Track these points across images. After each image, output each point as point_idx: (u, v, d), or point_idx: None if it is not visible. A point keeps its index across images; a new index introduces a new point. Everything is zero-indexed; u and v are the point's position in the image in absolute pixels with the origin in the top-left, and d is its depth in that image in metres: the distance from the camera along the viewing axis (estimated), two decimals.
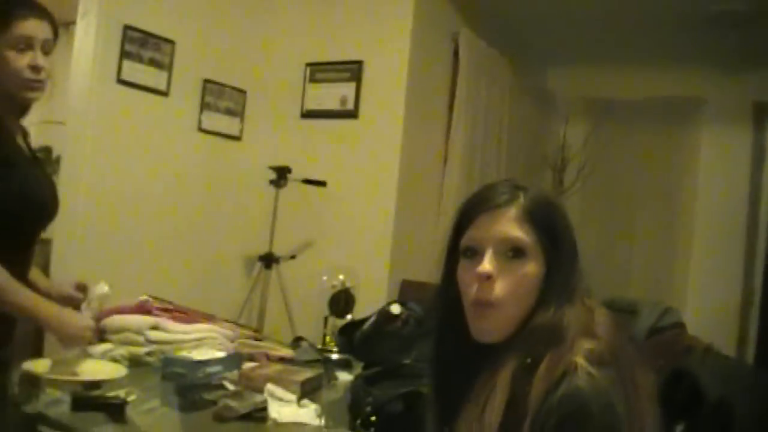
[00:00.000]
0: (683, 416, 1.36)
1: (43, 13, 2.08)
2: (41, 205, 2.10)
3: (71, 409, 1.82)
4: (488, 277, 1.23)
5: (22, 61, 2.00)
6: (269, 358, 2.65)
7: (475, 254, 1.27)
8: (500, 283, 1.24)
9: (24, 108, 2.16)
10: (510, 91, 5.37)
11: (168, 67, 4.06)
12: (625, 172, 5.91)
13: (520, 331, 1.25)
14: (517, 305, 1.24)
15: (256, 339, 2.95)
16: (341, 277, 3.14)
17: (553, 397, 1.16)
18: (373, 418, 1.71)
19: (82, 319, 2.06)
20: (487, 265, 1.24)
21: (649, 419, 1.23)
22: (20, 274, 2.01)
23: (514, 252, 1.25)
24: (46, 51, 2.07)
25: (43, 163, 2.20)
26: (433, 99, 4.70)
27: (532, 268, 1.25)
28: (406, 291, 3.98)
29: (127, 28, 3.81)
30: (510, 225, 1.26)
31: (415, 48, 4.38)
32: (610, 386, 1.18)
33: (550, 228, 1.27)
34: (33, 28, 2.02)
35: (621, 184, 5.92)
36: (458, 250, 1.31)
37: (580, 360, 1.19)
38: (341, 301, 3.07)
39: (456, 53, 4.78)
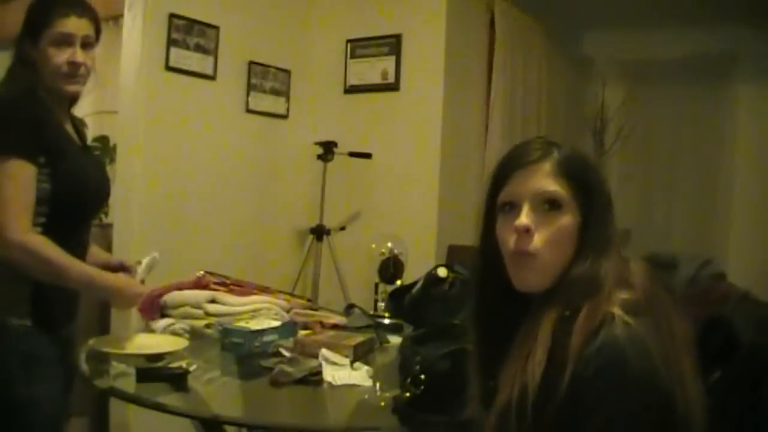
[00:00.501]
0: (719, 363, 1.36)
1: (84, 11, 2.12)
2: (91, 189, 2.16)
3: (137, 380, 1.87)
4: (527, 230, 1.26)
5: (61, 57, 2.06)
6: (323, 326, 2.69)
7: (513, 209, 1.30)
8: (538, 235, 1.26)
9: (72, 100, 2.23)
10: (547, 57, 5.30)
11: (214, 52, 4.09)
12: (664, 131, 5.79)
13: (559, 283, 1.27)
14: (555, 255, 1.27)
15: (309, 308, 2.99)
16: (389, 244, 3.17)
17: (591, 347, 1.17)
18: (422, 377, 1.73)
19: (133, 284, 2.13)
20: (524, 218, 1.26)
21: (687, 366, 1.23)
22: (76, 255, 2.07)
23: (550, 205, 1.27)
24: (87, 46, 2.12)
25: (93, 150, 2.25)
26: (472, 68, 4.66)
27: (568, 219, 1.27)
28: (453, 255, 3.98)
29: (172, 16, 3.83)
30: (545, 179, 1.28)
31: (452, 19, 4.34)
32: (647, 335, 1.18)
33: (584, 181, 1.29)
34: (73, 25, 2.07)
35: (660, 143, 5.81)
36: (496, 208, 1.34)
37: (617, 310, 1.20)
38: (390, 268, 3.10)
39: (492, 23, 4.72)
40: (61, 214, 2.04)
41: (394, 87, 4.47)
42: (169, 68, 3.84)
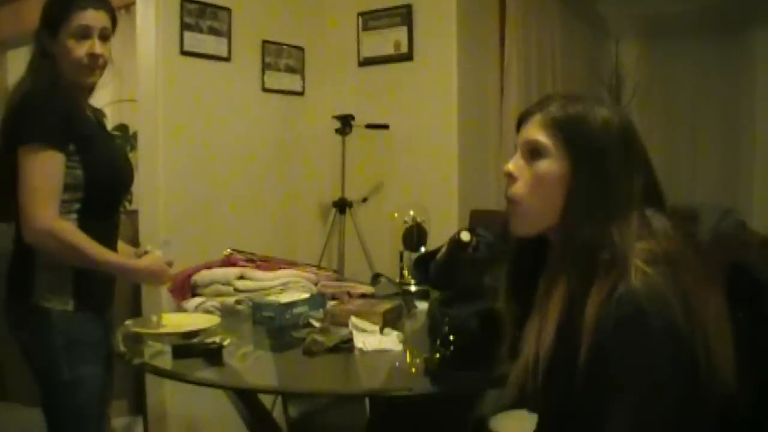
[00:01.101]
0: (744, 307, 1.36)
1: (101, 3, 2.16)
2: (121, 173, 2.21)
3: (173, 357, 1.90)
4: (509, 176, 1.32)
5: (81, 49, 2.10)
6: (351, 296, 2.71)
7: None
8: (519, 182, 1.31)
9: (89, 90, 2.26)
10: (560, 18, 5.23)
11: (227, 34, 4.08)
12: (683, 84, 5.70)
13: (566, 241, 1.28)
14: (537, 202, 1.31)
15: (336, 280, 3.01)
16: (412, 212, 3.17)
17: (611, 300, 1.18)
18: (451, 337, 1.74)
19: (159, 261, 2.19)
20: (508, 165, 1.33)
21: (711, 311, 1.23)
22: (108, 241, 2.12)
23: (531, 153, 1.31)
24: (104, 38, 2.15)
25: (114, 137, 2.30)
26: (485, 33, 4.62)
27: (548, 166, 1.29)
28: (476, 220, 3.97)
29: (184, 1, 3.82)
30: (533, 128, 1.32)
31: None
32: (666, 284, 1.19)
33: (573, 133, 1.29)
34: (91, 18, 2.11)
35: (679, 96, 5.72)
36: None
37: (636, 261, 1.20)
38: (414, 236, 3.10)
39: None
40: (96, 198, 2.10)
41: (407, 57, 4.44)
42: (184, 53, 3.85)
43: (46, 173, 1.97)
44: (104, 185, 2.13)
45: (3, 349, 2.75)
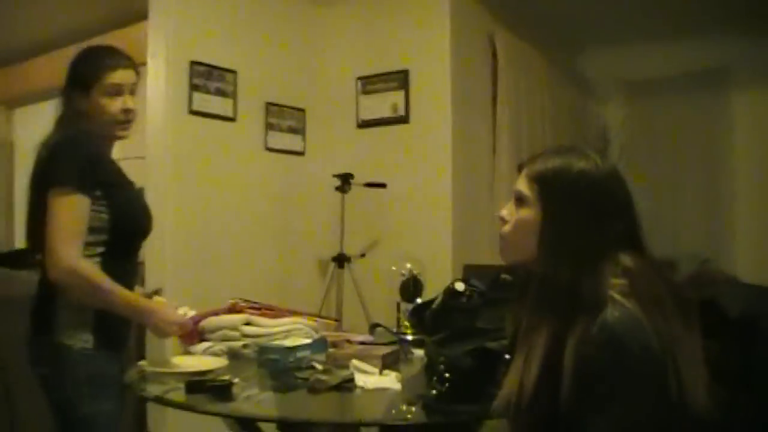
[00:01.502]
0: (713, 338, 1.50)
1: (129, 61, 2.33)
2: (143, 218, 2.35)
3: (186, 392, 2.02)
4: (501, 219, 1.55)
5: (115, 106, 2.25)
6: (350, 343, 2.83)
7: None
8: (508, 224, 1.54)
9: (114, 141, 2.42)
10: (548, 81, 5.49)
11: (233, 95, 4.29)
12: (666, 143, 5.99)
13: (540, 276, 1.46)
14: (517, 240, 1.53)
15: (336, 330, 3.13)
16: (409, 265, 3.29)
17: (591, 329, 1.33)
18: (447, 375, 1.87)
19: (172, 314, 2.28)
20: (502, 211, 1.56)
21: (685, 341, 1.38)
22: (127, 283, 2.24)
23: (517, 201, 1.52)
24: (133, 93, 2.32)
25: (135, 185, 2.44)
26: (477, 96, 4.84)
27: (527, 213, 1.50)
28: (469, 274, 4.11)
29: (193, 63, 4.04)
30: (520, 180, 1.53)
31: (455, 52, 4.53)
32: (641, 313, 1.34)
33: (549, 186, 1.48)
34: (121, 76, 2.27)
35: (663, 155, 5.99)
36: None
37: (613, 294, 1.35)
38: (410, 287, 3.22)
39: (494, 53, 4.92)
40: (118, 241, 2.22)
41: (404, 119, 4.65)
42: (191, 112, 4.04)
43: (72, 215, 2.10)
44: (127, 229, 2.26)
45: (17, 387, 2.86)
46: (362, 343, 2.86)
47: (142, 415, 3.72)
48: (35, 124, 7.00)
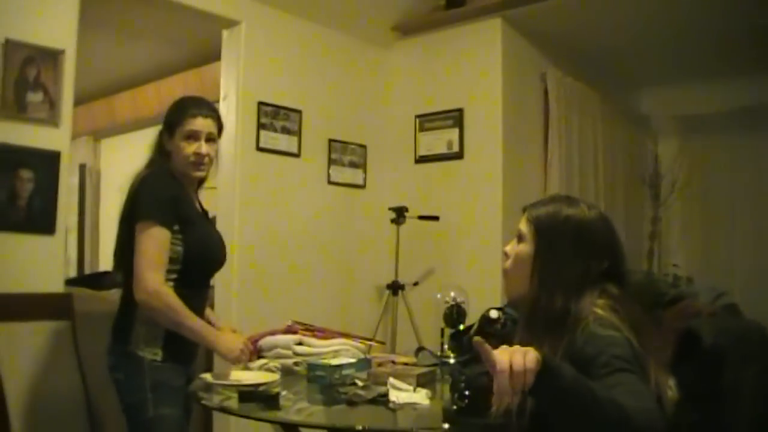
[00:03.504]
0: (689, 362, 1.69)
1: (210, 111, 2.63)
2: (215, 252, 2.65)
3: (239, 401, 2.27)
4: (505, 254, 1.81)
5: (189, 149, 2.57)
6: (395, 363, 3.05)
7: None
8: (510, 259, 1.80)
9: (200, 182, 2.71)
10: (601, 118, 5.62)
11: (297, 133, 4.56)
12: (720, 180, 6.05)
13: (531, 309, 1.68)
14: (516, 273, 1.77)
15: (383, 351, 3.36)
16: (453, 293, 3.50)
17: (576, 336, 1.57)
18: (466, 392, 2.09)
19: (238, 344, 2.54)
20: (506, 246, 1.83)
21: (657, 355, 1.59)
22: (198, 310, 2.53)
23: (518, 239, 1.79)
24: (210, 140, 2.61)
25: (213, 223, 2.73)
26: (529, 133, 5.04)
27: (524, 249, 1.76)
28: (513, 303, 4.28)
29: (261, 104, 4.33)
30: (522, 221, 1.80)
31: (507, 91, 4.75)
32: (620, 325, 1.56)
33: (542, 227, 1.74)
34: (200, 124, 2.58)
35: (717, 191, 6.06)
36: None
37: (595, 310, 1.58)
38: (453, 314, 3.43)
39: (545, 90, 5.11)
40: (191, 271, 2.52)
41: (458, 155, 4.88)
42: (259, 149, 4.33)
43: (157, 245, 2.41)
44: (199, 262, 2.55)
45: (95, 391, 3.18)
46: (405, 364, 3.08)
47: (209, 422, 4.01)
48: (119, 154, 7.49)
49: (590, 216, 1.75)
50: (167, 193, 2.49)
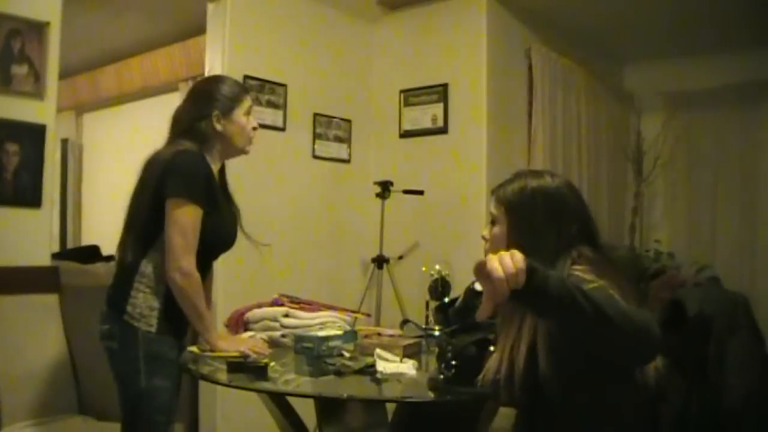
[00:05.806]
0: (674, 331, 1.72)
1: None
2: (225, 237, 2.70)
3: (227, 371, 2.29)
4: (483, 238, 1.87)
5: (251, 123, 2.68)
6: (380, 335, 3.08)
7: None
8: (488, 242, 1.87)
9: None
10: (585, 94, 5.64)
11: (283, 107, 4.56)
12: (704, 156, 6.08)
13: None
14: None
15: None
16: (437, 267, 3.52)
17: None
18: (453, 362, 2.11)
19: (231, 346, 2.56)
20: (483, 230, 1.89)
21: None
22: (204, 279, 2.56)
23: (492, 221, 1.85)
24: None
25: (230, 205, 2.77)
26: (513, 109, 5.06)
27: (499, 230, 1.83)
28: None
29: (246, 77, 4.31)
30: (492, 204, 1.86)
31: (492, 67, 4.76)
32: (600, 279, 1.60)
33: (511, 204, 1.82)
34: (251, 100, 2.70)
35: (701, 167, 6.09)
36: None
37: (574, 272, 1.62)
38: (438, 287, 3.45)
39: (530, 66, 5.12)
40: (203, 252, 2.52)
41: (443, 130, 4.90)
42: None
43: (192, 224, 2.44)
44: (212, 242, 2.57)
45: (82, 363, 3.19)
46: (391, 335, 3.10)
47: (195, 393, 4.03)
48: (102, 129, 7.43)
49: (555, 184, 1.83)
50: (206, 173, 2.52)
